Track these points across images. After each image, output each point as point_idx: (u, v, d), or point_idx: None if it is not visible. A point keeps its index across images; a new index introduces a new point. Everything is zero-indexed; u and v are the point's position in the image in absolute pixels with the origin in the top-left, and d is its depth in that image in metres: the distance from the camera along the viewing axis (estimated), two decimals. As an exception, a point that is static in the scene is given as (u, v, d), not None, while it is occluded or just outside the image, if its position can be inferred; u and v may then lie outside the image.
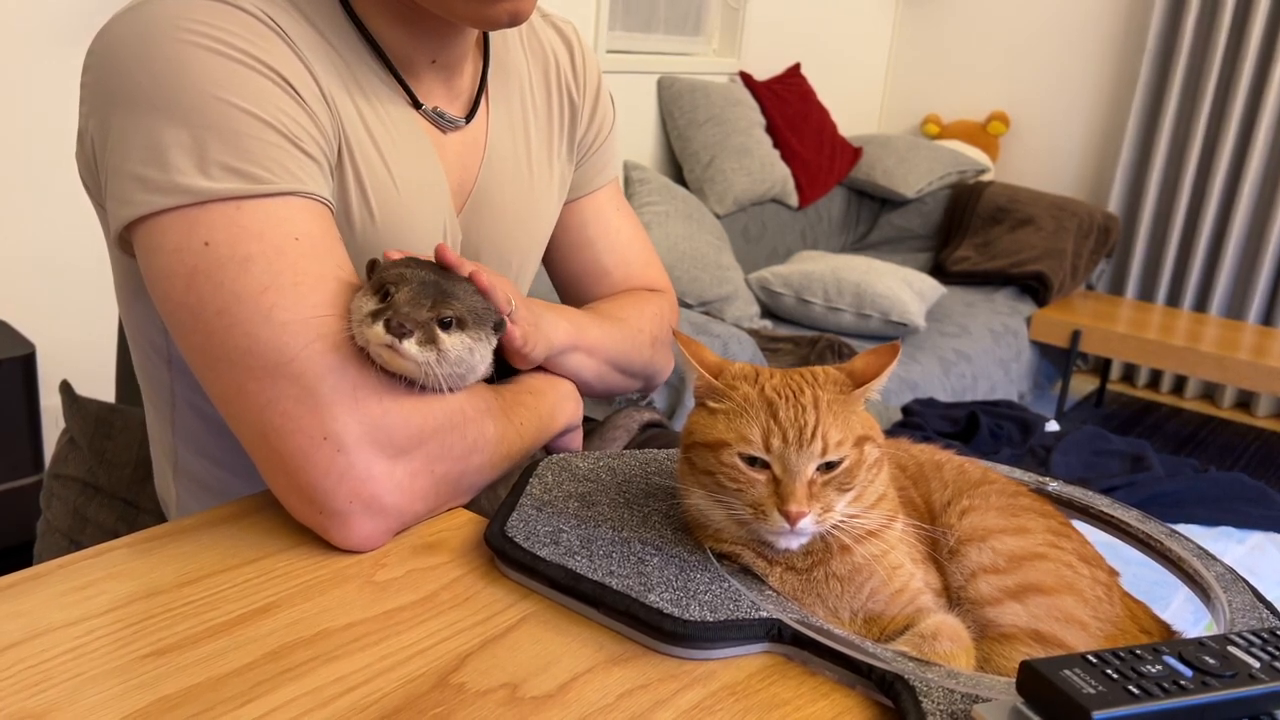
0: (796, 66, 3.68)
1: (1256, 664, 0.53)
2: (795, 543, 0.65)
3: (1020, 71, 4.03)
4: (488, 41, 0.95)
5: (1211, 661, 0.53)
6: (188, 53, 0.72)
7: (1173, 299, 3.86)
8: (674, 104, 3.20)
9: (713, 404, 0.67)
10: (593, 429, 1.08)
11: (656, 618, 0.61)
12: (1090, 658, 0.53)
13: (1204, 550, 0.75)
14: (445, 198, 0.89)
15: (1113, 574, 0.72)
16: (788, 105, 3.51)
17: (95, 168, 0.78)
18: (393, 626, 0.63)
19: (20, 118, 1.91)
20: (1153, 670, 0.52)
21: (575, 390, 0.93)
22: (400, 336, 0.68)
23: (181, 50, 0.72)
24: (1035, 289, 3.51)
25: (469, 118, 0.92)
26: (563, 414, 0.89)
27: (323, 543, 0.71)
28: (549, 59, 1.01)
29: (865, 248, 3.84)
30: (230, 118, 0.72)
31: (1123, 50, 3.84)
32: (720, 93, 3.26)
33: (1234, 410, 3.85)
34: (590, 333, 0.94)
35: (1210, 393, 3.92)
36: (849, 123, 3.99)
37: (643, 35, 3.28)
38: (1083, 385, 3.95)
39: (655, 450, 0.86)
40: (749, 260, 3.25)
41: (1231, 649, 0.54)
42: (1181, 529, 1.08)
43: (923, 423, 2.17)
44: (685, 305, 2.72)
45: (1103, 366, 3.89)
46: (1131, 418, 3.73)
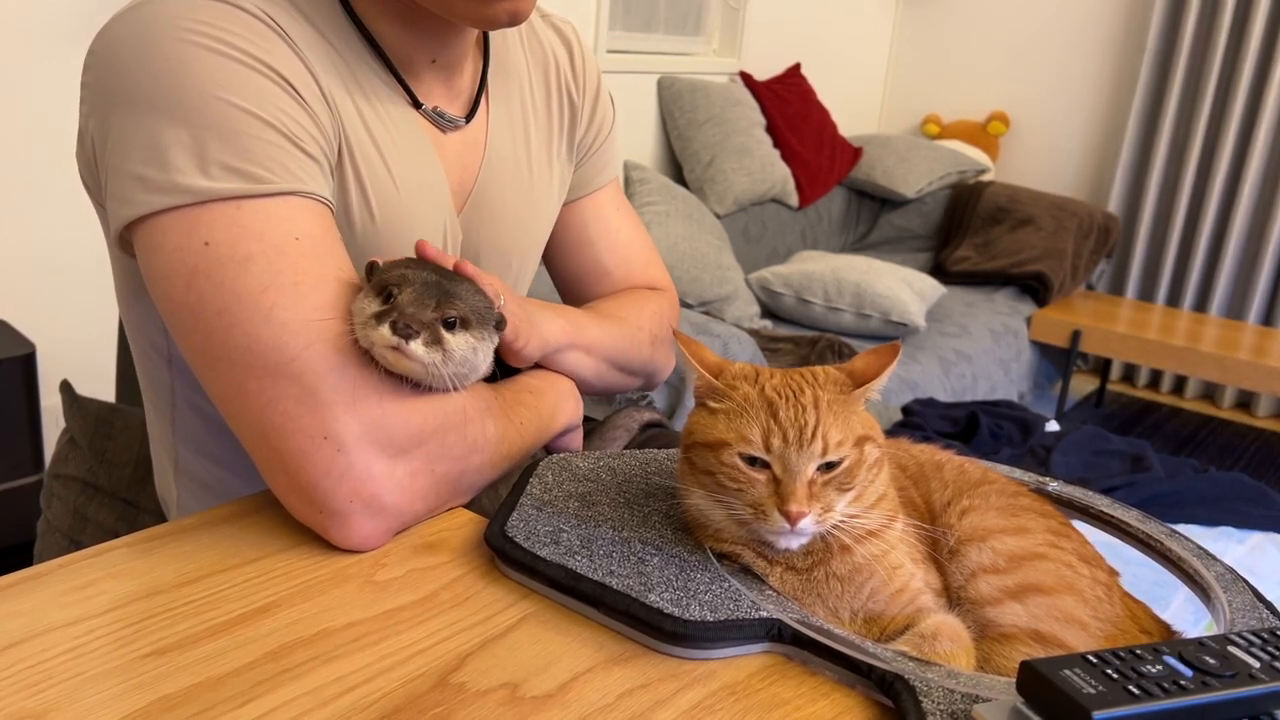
0: (796, 66, 3.68)
1: (1256, 664, 0.53)
2: (795, 543, 0.65)
3: (1020, 71, 4.03)
4: (488, 41, 0.95)
5: (1211, 661, 0.53)
6: (188, 52, 0.72)
7: (1173, 299, 3.86)
8: (674, 104, 3.20)
9: (713, 404, 0.67)
10: (593, 429, 1.08)
11: (657, 617, 0.61)
12: (1090, 658, 0.53)
13: (1204, 550, 0.75)
14: (445, 197, 0.89)
15: (1113, 574, 0.72)
16: (788, 105, 3.51)
17: (95, 167, 0.78)
18: (393, 626, 0.63)
19: (20, 118, 1.91)
20: (1153, 670, 0.52)
21: (575, 389, 0.93)
22: (406, 338, 0.68)
23: (182, 50, 0.72)
24: (1035, 289, 3.51)
25: (469, 117, 0.92)
26: (563, 413, 0.89)
27: (323, 543, 0.71)
28: (549, 59, 1.01)
29: (865, 248, 3.84)
30: (230, 117, 0.72)
31: (1123, 50, 3.84)
32: (720, 93, 3.26)
33: (1234, 410, 3.85)
34: (588, 331, 0.94)
35: (1210, 393, 3.92)
36: (849, 123, 3.99)
37: (643, 35, 3.28)
38: (1083, 385, 3.95)
39: (655, 450, 0.86)
40: (749, 260, 3.25)
41: (1231, 649, 0.54)
42: (1181, 529, 1.08)
43: (923, 423, 2.17)
44: (685, 305, 2.72)
45: (1103, 366, 3.89)
46: (1131, 418, 3.73)
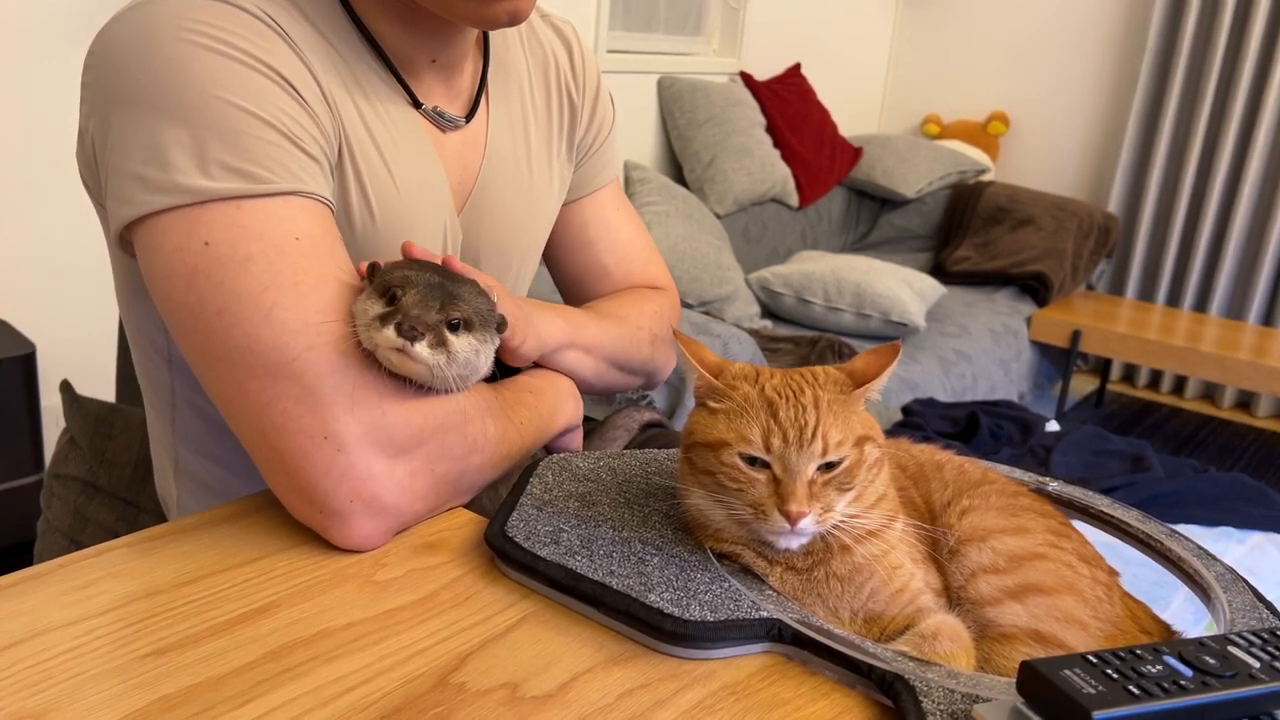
0: (797, 66, 3.68)
1: (1256, 664, 0.53)
2: (795, 543, 0.65)
3: (1020, 71, 4.03)
4: (487, 41, 0.95)
5: (1211, 661, 0.53)
6: (188, 52, 0.72)
7: (1173, 299, 3.86)
8: (674, 104, 3.20)
9: (713, 404, 0.67)
10: (593, 429, 1.08)
11: (657, 617, 0.61)
12: (1090, 658, 0.53)
13: (1204, 550, 0.75)
14: (445, 197, 0.89)
15: (1113, 574, 0.72)
16: (788, 105, 3.51)
17: (96, 167, 0.78)
18: (393, 626, 0.63)
19: (20, 118, 1.91)
20: (1153, 670, 0.52)
21: (575, 389, 0.93)
22: (412, 340, 0.68)
23: (182, 50, 0.72)
24: (1035, 289, 3.51)
25: (469, 117, 0.92)
26: (563, 413, 0.89)
27: (323, 542, 0.71)
28: (548, 59, 1.01)
29: (865, 248, 3.84)
30: (231, 117, 0.72)
31: (1123, 50, 3.84)
32: (720, 93, 3.26)
33: (1234, 410, 3.85)
34: (587, 331, 0.94)
35: (1210, 393, 3.92)
36: (849, 123, 3.99)
37: (643, 35, 3.28)
38: (1083, 385, 3.95)
39: (655, 450, 0.86)
40: (749, 260, 3.25)
41: (1231, 649, 0.54)
42: (1181, 529, 1.08)
43: (923, 423, 2.17)
44: (685, 305, 2.72)
45: (1103, 366, 3.89)
46: (1131, 418, 3.73)
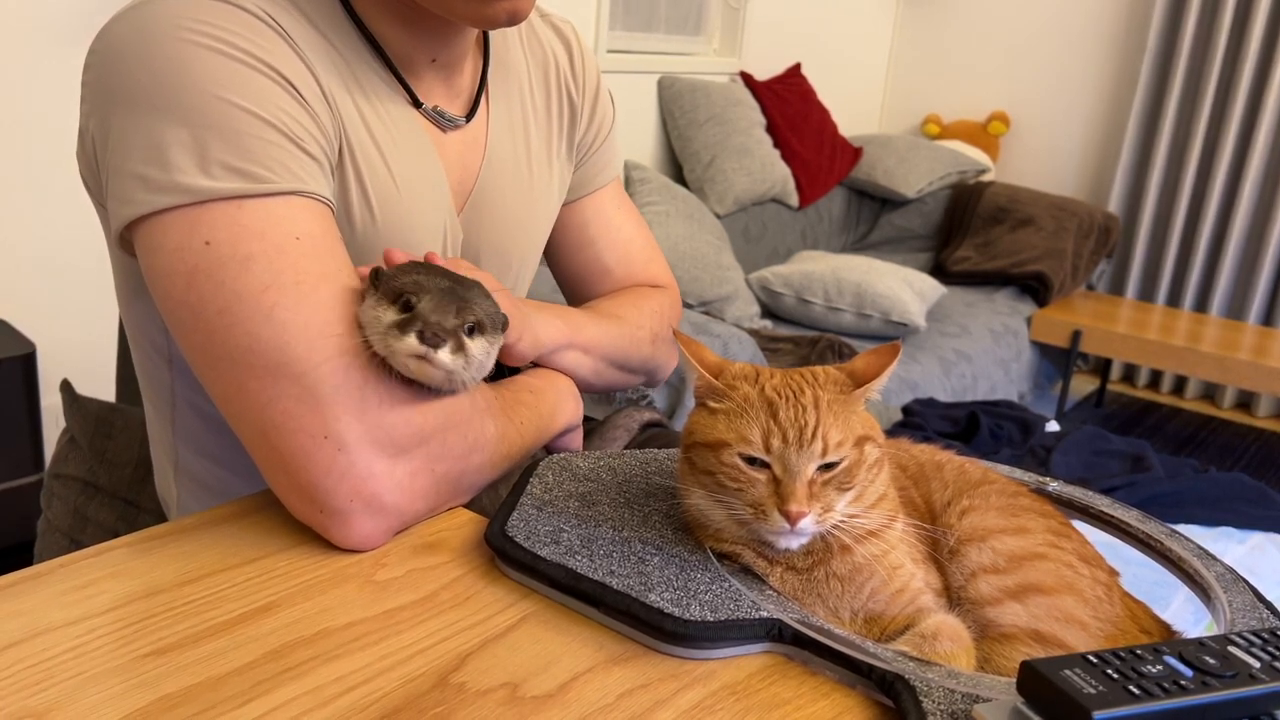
0: (797, 66, 3.68)
1: (1257, 664, 0.53)
2: (795, 543, 0.65)
3: (1020, 71, 4.03)
4: (487, 41, 0.95)
5: (1212, 661, 0.53)
6: (189, 52, 0.72)
7: (1173, 299, 3.86)
8: (674, 104, 3.20)
9: (713, 404, 0.67)
10: (593, 429, 1.08)
11: (657, 617, 0.61)
12: (1090, 658, 0.53)
13: (1204, 550, 0.75)
14: (445, 197, 0.89)
15: (1113, 574, 0.72)
16: (788, 105, 3.51)
17: (96, 167, 0.78)
18: (393, 626, 0.63)
19: (20, 118, 1.91)
20: (1153, 670, 0.52)
21: (575, 389, 0.93)
22: (435, 346, 0.69)
23: (182, 49, 0.72)
24: (1035, 289, 3.51)
25: (469, 117, 0.92)
26: (563, 413, 0.89)
27: (323, 542, 0.71)
28: (548, 59, 1.01)
29: (865, 248, 3.84)
30: (231, 117, 0.72)
31: (1123, 50, 3.84)
32: (720, 93, 3.26)
33: (1234, 411, 3.85)
34: (586, 331, 0.94)
35: (1210, 393, 3.92)
36: (849, 123, 3.99)
37: (643, 35, 3.28)
38: (1083, 385, 3.95)
39: (655, 450, 0.86)
40: (749, 260, 3.25)
41: (1232, 649, 0.54)
42: (1181, 529, 1.08)
43: (923, 423, 2.17)
44: (686, 305, 2.71)
45: (1103, 367, 3.89)
46: (1132, 418, 3.73)
